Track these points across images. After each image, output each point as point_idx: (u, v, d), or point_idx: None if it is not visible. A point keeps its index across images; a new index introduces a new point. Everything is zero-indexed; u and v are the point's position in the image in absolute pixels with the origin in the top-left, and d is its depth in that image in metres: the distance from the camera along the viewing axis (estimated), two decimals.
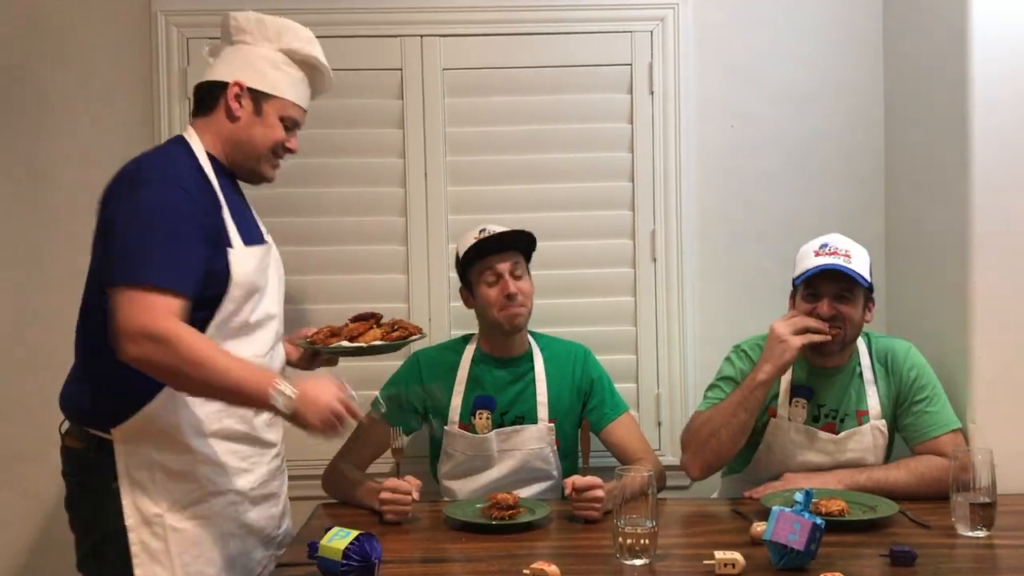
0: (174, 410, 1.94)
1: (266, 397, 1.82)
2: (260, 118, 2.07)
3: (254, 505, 2.08)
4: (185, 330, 1.82)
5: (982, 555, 2.01)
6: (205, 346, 1.83)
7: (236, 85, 2.05)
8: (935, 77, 2.60)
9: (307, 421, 1.86)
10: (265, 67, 2.07)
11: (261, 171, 2.13)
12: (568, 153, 2.92)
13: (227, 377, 1.82)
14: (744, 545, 2.02)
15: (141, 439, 1.93)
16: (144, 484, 1.93)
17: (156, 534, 1.93)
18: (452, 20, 2.89)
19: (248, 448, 2.06)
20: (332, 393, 1.88)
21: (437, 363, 2.60)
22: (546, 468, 2.55)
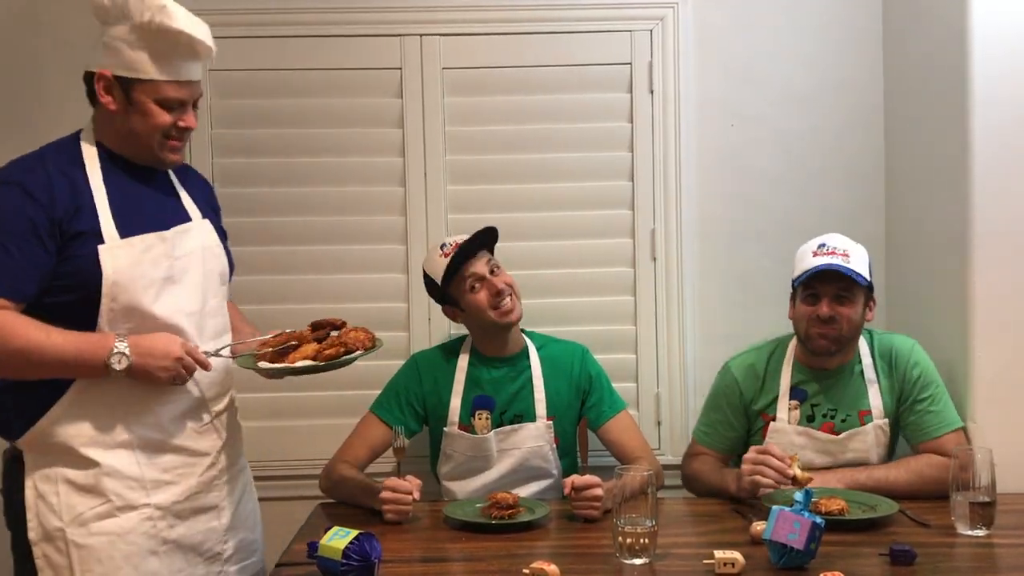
0: (76, 419, 1.87)
1: (104, 361, 1.81)
2: (134, 106, 1.91)
3: (182, 519, 1.96)
4: (4, 318, 1.78)
5: (982, 554, 2.01)
6: (24, 329, 1.79)
7: (101, 77, 1.91)
8: (935, 77, 2.60)
9: (151, 374, 1.85)
10: (124, 49, 1.89)
11: (159, 156, 1.97)
12: (568, 152, 2.92)
13: (54, 354, 1.80)
14: (744, 544, 2.02)
15: (46, 450, 1.87)
16: (47, 497, 1.86)
17: (59, 549, 1.86)
18: (452, 19, 2.89)
19: (172, 458, 1.95)
20: (173, 342, 1.87)
21: (435, 365, 2.60)
22: (545, 466, 2.55)
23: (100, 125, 1.98)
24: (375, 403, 2.58)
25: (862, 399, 2.45)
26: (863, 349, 2.49)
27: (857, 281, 2.36)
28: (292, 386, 2.87)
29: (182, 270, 1.98)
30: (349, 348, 2.03)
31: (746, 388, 2.52)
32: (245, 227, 2.90)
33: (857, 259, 2.40)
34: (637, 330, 2.93)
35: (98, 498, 1.88)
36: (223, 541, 2.06)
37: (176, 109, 1.94)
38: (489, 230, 2.56)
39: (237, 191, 2.89)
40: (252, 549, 2.16)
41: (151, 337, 1.87)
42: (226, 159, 2.89)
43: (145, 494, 1.91)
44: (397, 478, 2.26)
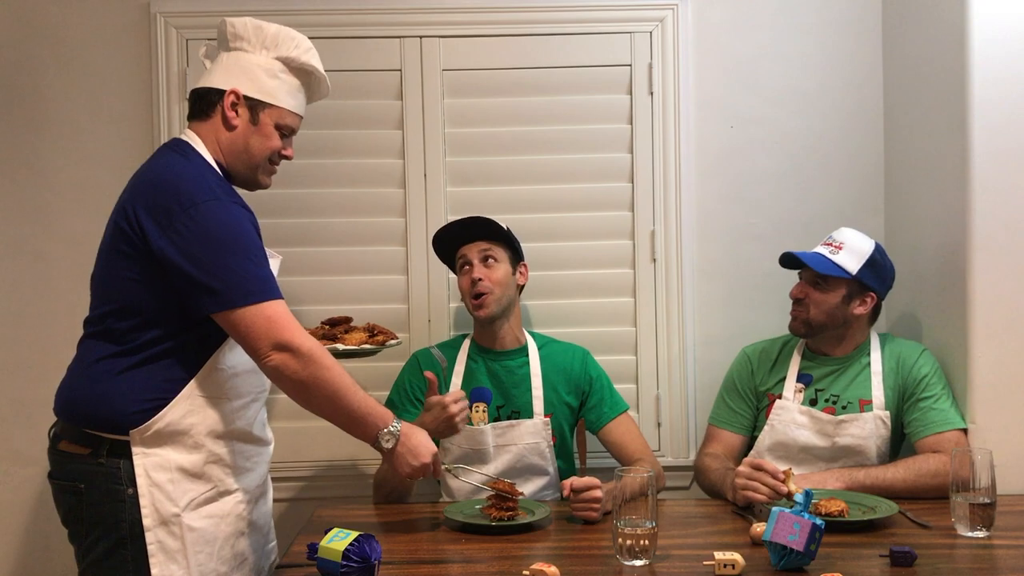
0: (193, 412, 1.97)
1: (378, 433, 2.03)
2: (256, 127, 2.08)
3: (255, 503, 2.11)
4: (320, 349, 1.96)
5: (981, 555, 2.01)
6: (336, 371, 1.97)
7: (233, 93, 2.06)
8: (935, 77, 2.60)
9: (399, 468, 2.08)
10: (262, 75, 2.08)
11: (258, 179, 2.14)
12: (567, 154, 2.92)
13: (352, 406, 1.99)
14: (744, 546, 2.02)
15: (159, 440, 1.95)
16: (162, 484, 1.94)
17: (173, 533, 1.95)
18: (452, 21, 2.90)
19: (251, 447, 2.10)
20: (429, 451, 2.09)
21: (435, 360, 2.60)
22: (542, 464, 2.55)
23: (208, 138, 2.08)
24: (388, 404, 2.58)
25: (865, 389, 2.49)
26: (873, 344, 2.55)
27: (814, 269, 2.45)
28: None
29: None
30: (388, 336, 2.38)
31: (758, 369, 2.63)
32: None
33: (847, 254, 2.48)
34: (637, 331, 2.93)
35: (206, 483, 1.99)
36: (271, 520, 2.23)
37: (285, 137, 2.13)
38: (489, 223, 2.57)
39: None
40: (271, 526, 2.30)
41: (418, 434, 2.11)
42: None
43: (236, 479, 2.05)
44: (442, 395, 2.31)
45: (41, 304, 2.87)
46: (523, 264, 2.64)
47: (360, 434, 2.04)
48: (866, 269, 2.47)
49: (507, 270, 2.56)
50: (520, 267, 2.63)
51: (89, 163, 2.87)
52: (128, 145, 2.87)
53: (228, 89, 2.06)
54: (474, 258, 2.55)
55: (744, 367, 2.65)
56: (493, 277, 2.53)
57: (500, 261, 2.56)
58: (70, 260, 2.86)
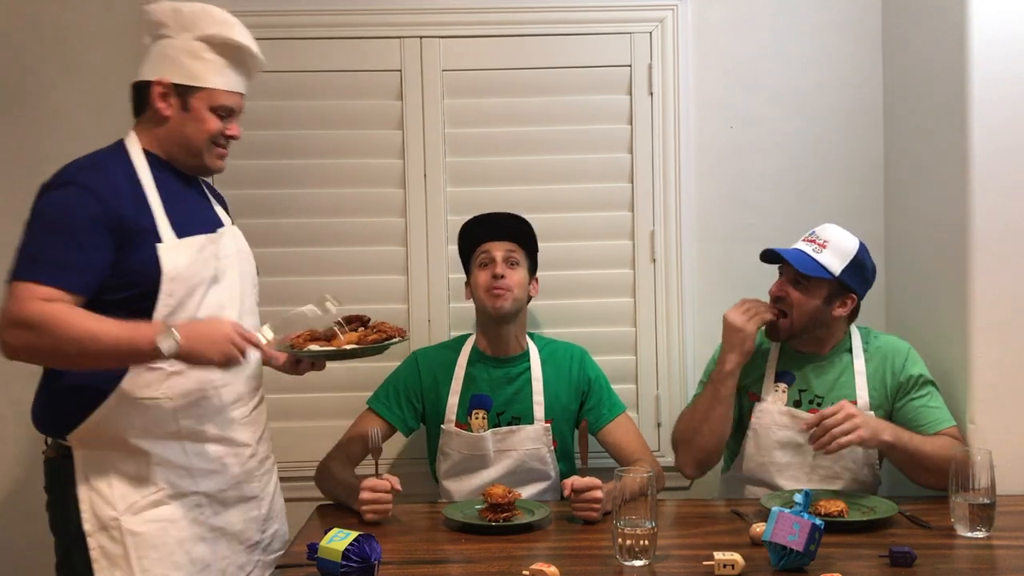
0: (126, 413, 1.93)
1: (153, 346, 1.83)
2: (189, 113, 2.03)
3: (226, 507, 2.05)
4: (58, 309, 1.82)
5: (981, 556, 2.01)
6: (80, 320, 1.83)
7: (159, 84, 2.01)
8: (934, 77, 2.61)
9: (204, 356, 1.87)
10: (186, 59, 2.01)
11: (206, 164, 2.09)
12: (567, 154, 2.92)
13: (108, 342, 1.83)
14: (743, 546, 2.02)
15: (97, 444, 1.93)
16: (100, 488, 1.92)
17: (114, 538, 1.92)
18: (451, 21, 2.90)
19: (217, 448, 2.04)
20: (223, 323, 1.92)
21: (435, 362, 2.61)
22: (543, 469, 2.55)
23: (148, 133, 2.07)
24: (373, 398, 2.59)
25: (849, 390, 2.45)
26: (855, 341, 2.50)
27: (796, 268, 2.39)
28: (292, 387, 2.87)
29: (223, 271, 2.07)
30: (389, 334, 2.20)
31: None
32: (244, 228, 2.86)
33: (831, 253, 2.41)
34: (637, 331, 2.93)
35: (150, 487, 1.94)
36: (261, 530, 2.14)
37: (226, 118, 2.06)
38: (523, 224, 2.58)
39: (237, 192, 2.88)
40: (284, 540, 2.23)
41: (202, 321, 1.95)
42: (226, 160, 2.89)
43: (193, 482, 1.99)
44: (375, 478, 2.26)
45: None
46: (536, 277, 2.63)
47: (139, 359, 1.89)
48: (849, 270, 2.41)
49: (525, 276, 2.55)
50: (534, 279, 2.62)
51: None
52: None
53: (155, 79, 2.01)
54: (498, 255, 2.53)
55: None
56: (514, 278, 2.52)
57: (521, 266, 2.55)
58: None
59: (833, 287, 2.42)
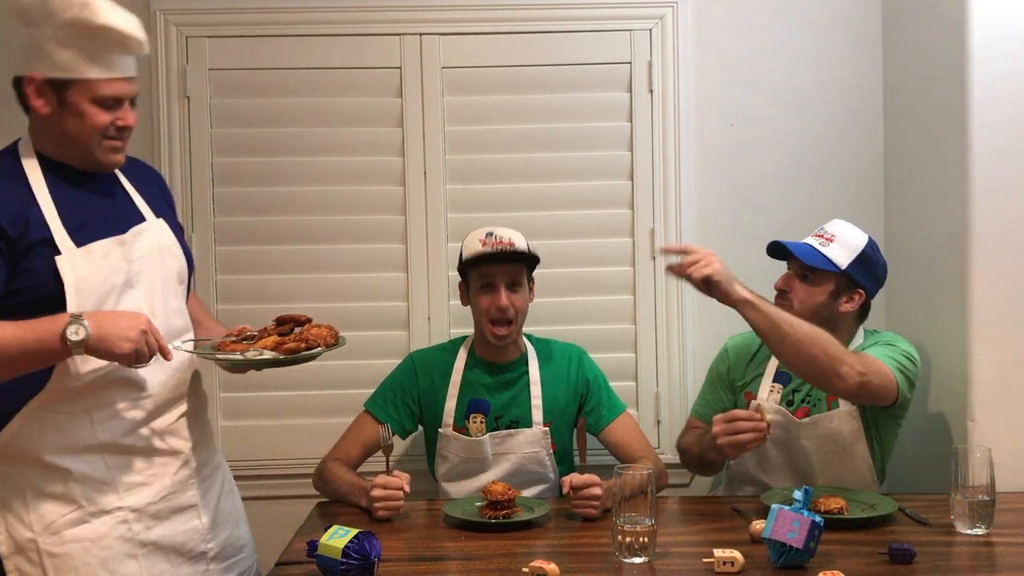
0: (38, 428, 1.82)
1: (61, 339, 1.71)
2: (68, 109, 1.83)
3: (159, 520, 1.93)
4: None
5: (981, 553, 2.01)
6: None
7: (31, 80, 1.82)
8: (934, 76, 2.60)
9: (114, 347, 1.74)
10: (54, 49, 1.80)
11: (98, 158, 1.89)
12: (567, 152, 2.92)
13: (14, 344, 1.71)
14: (743, 543, 2.02)
15: (11, 461, 1.82)
16: (15, 508, 1.82)
17: (31, 560, 1.81)
18: (451, 19, 2.89)
19: (142, 461, 1.91)
20: (136, 316, 1.80)
21: (432, 365, 2.60)
22: (542, 471, 2.55)
23: (36, 133, 1.90)
24: (370, 400, 2.58)
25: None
26: (856, 344, 2.46)
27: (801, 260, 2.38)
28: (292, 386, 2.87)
29: (138, 273, 1.92)
30: (311, 344, 1.98)
31: (736, 364, 2.57)
32: (244, 226, 2.90)
33: (838, 247, 2.40)
34: (636, 329, 2.93)
35: (69, 504, 1.84)
36: (206, 540, 2.02)
37: (113, 108, 1.86)
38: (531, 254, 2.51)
39: (237, 190, 2.90)
40: (238, 546, 2.13)
41: (114, 311, 1.82)
42: (226, 158, 2.89)
43: (117, 497, 1.88)
44: (387, 475, 2.26)
45: None
46: (533, 281, 2.60)
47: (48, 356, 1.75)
48: (856, 264, 2.40)
49: (527, 293, 2.54)
50: (532, 286, 2.59)
51: None
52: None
53: (26, 76, 1.82)
54: (501, 283, 2.48)
55: (723, 359, 2.61)
56: (517, 304, 2.49)
57: (522, 285, 2.52)
58: None
59: (840, 281, 2.40)
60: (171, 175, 2.84)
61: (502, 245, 2.47)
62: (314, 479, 2.49)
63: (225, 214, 2.90)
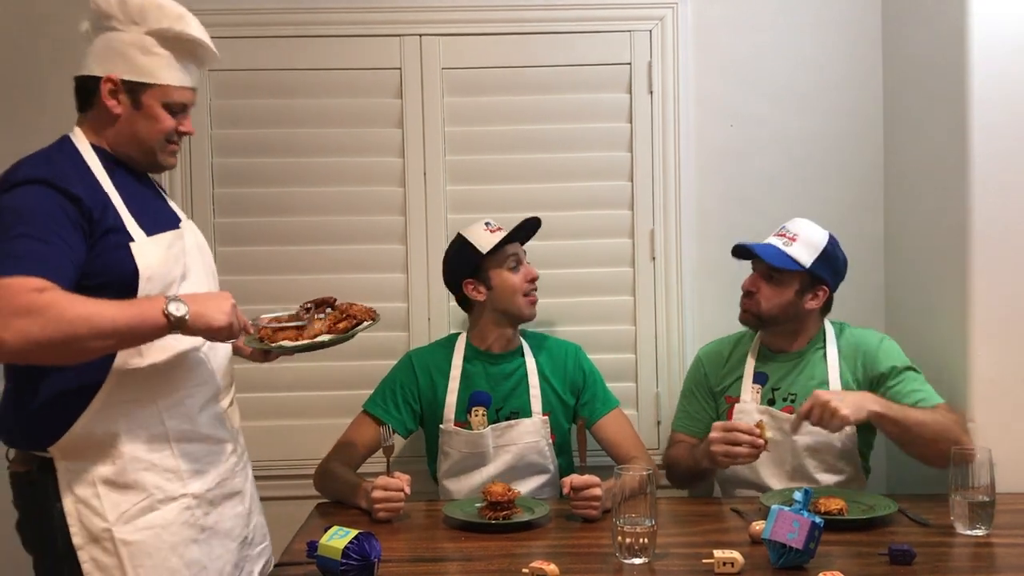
0: (111, 418, 1.86)
1: (162, 311, 1.76)
2: (141, 111, 1.93)
3: (215, 506, 1.99)
4: (56, 295, 1.71)
5: (980, 553, 2.01)
6: (80, 301, 1.73)
7: (109, 80, 1.92)
8: (934, 76, 2.60)
9: (212, 321, 1.81)
10: (136, 54, 1.91)
11: (158, 161, 2.00)
12: (567, 152, 2.92)
13: (118, 317, 1.74)
14: (743, 544, 2.02)
15: (81, 454, 1.86)
16: (88, 500, 1.85)
17: (107, 550, 1.85)
18: (451, 20, 2.90)
19: (199, 448, 1.97)
20: (224, 295, 1.88)
21: (430, 362, 2.61)
22: (542, 462, 2.55)
23: (96, 129, 1.97)
24: (369, 401, 2.59)
25: (822, 384, 2.45)
26: (829, 336, 2.50)
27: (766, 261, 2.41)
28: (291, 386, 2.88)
29: (189, 267, 2.01)
30: (358, 319, 2.11)
31: (711, 372, 2.61)
32: (244, 227, 2.90)
33: (800, 246, 2.44)
34: (636, 330, 2.94)
35: (140, 493, 1.88)
36: (247, 525, 2.09)
37: (178, 114, 1.98)
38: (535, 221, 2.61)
39: (237, 191, 2.90)
40: (264, 532, 2.19)
41: (200, 293, 1.91)
42: (226, 159, 2.90)
43: (182, 484, 1.93)
44: (388, 477, 2.26)
45: None
46: None
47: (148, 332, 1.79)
48: (820, 262, 2.44)
49: None
50: None
51: None
52: None
53: (104, 76, 1.92)
54: (523, 256, 2.59)
55: (697, 370, 2.64)
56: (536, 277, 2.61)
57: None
58: None
59: (804, 279, 2.45)
60: (171, 175, 2.84)
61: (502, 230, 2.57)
62: (315, 480, 2.49)
63: (225, 215, 2.90)
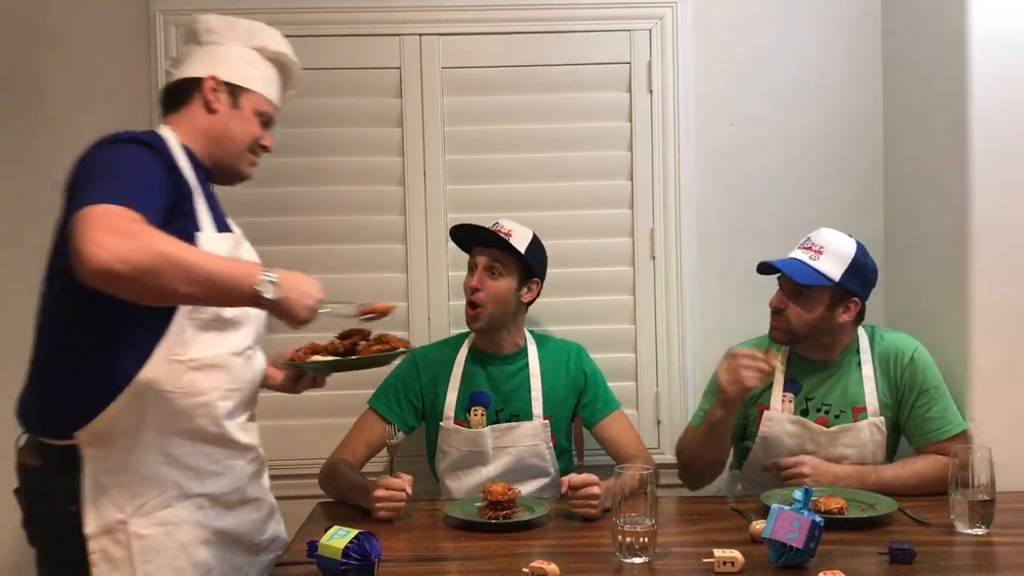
0: (142, 407, 1.85)
1: (254, 284, 1.74)
2: (238, 111, 2.04)
3: (229, 510, 1.99)
4: (150, 227, 1.68)
5: (981, 552, 2.01)
6: (176, 241, 1.70)
7: (212, 79, 2.02)
8: (934, 75, 2.60)
9: (293, 310, 1.81)
10: (238, 62, 2.05)
11: (240, 168, 2.08)
12: (567, 152, 2.92)
13: (210, 267, 1.71)
14: (743, 543, 2.02)
15: (108, 440, 1.85)
16: (109, 490, 1.84)
17: (119, 541, 1.84)
18: (451, 19, 2.90)
19: (220, 451, 1.97)
20: (315, 283, 1.87)
21: (433, 360, 2.61)
22: (542, 465, 2.55)
23: (186, 128, 2.02)
24: (373, 398, 2.59)
25: (857, 395, 2.43)
26: (863, 344, 2.47)
27: (794, 280, 2.34)
28: None
29: None
30: (394, 346, 2.18)
31: None
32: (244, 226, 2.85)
33: (828, 259, 2.36)
34: (636, 329, 2.94)
35: (158, 487, 1.88)
36: (261, 533, 2.10)
37: (264, 127, 2.09)
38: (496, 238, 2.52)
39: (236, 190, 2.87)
40: (281, 543, 2.19)
41: (296, 273, 1.86)
42: None
43: (198, 483, 1.92)
44: (390, 476, 2.26)
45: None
46: (535, 281, 2.59)
47: (233, 299, 1.79)
48: (849, 274, 2.37)
49: (510, 285, 2.53)
50: (530, 284, 2.58)
51: None
52: None
53: (207, 75, 2.02)
54: (480, 264, 2.53)
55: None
56: (491, 290, 2.51)
57: (505, 275, 2.52)
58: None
59: (835, 293, 2.37)
60: None
61: (499, 231, 2.53)
62: (319, 478, 2.49)
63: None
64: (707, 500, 2.53)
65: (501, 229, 2.55)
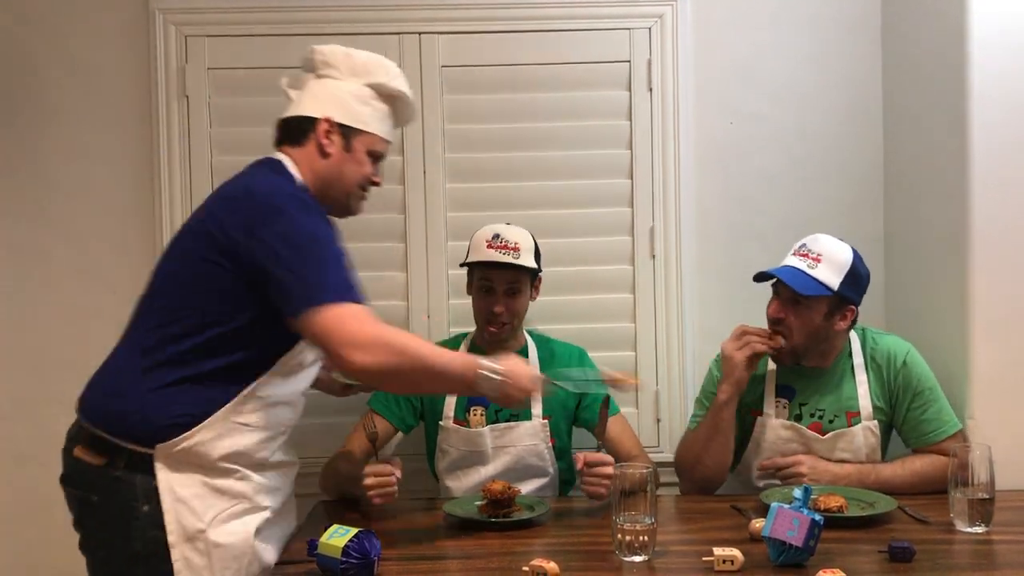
0: (222, 436, 1.94)
1: (474, 382, 1.96)
2: (350, 154, 2.09)
3: (282, 520, 2.09)
4: (404, 335, 1.95)
5: (980, 551, 2.01)
6: (420, 345, 1.96)
7: (326, 121, 2.06)
8: (934, 74, 2.60)
9: (511, 398, 2.01)
10: (353, 102, 2.08)
11: (350, 205, 2.14)
12: (567, 150, 2.92)
13: (442, 366, 1.95)
14: (743, 541, 2.02)
15: (183, 458, 1.91)
16: (189, 501, 1.91)
17: (199, 549, 1.91)
18: (451, 17, 2.90)
19: (277, 473, 2.07)
20: (534, 376, 2.06)
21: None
22: (541, 465, 2.55)
23: (305, 166, 2.08)
24: (372, 398, 2.59)
25: (851, 400, 2.42)
26: (855, 347, 2.46)
27: (795, 289, 2.31)
28: None
29: None
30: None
31: None
32: None
33: (826, 267, 2.33)
34: (636, 328, 2.94)
35: (234, 499, 1.96)
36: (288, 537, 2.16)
37: (374, 163, 2.14)
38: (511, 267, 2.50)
39: None
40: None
41: (514, 362, 2.03)
42: (225, 157, 2.89)
43: (267, 497, 2.02)
44: (376, 463, 2.26)
45: (42, 302, 2.87)
46: (538, 279, 2.60)
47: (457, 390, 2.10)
48: (847, 282, 2.34)
49: (527, 295, 2.56)
50: (535, 284, 2.59)
51: (89, 160, 2.87)
52: (128, 142, 2.87)
53: (322, 117, 2.06)
54: (500, 288, 2.51)
55: (714, 380, 2.52)
56: (514, 308, 2.52)
57: (522, 291, 2.54)
58: (71, 258, 2.86)
59: (833, 302, 2.35)
60: (170, 175, 2.85)
61: (507, 249, 2.49)
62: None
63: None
64: (706, 499, 2.53)
65: (509, 245, 2.50)
